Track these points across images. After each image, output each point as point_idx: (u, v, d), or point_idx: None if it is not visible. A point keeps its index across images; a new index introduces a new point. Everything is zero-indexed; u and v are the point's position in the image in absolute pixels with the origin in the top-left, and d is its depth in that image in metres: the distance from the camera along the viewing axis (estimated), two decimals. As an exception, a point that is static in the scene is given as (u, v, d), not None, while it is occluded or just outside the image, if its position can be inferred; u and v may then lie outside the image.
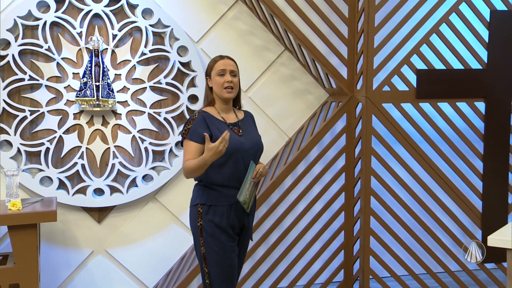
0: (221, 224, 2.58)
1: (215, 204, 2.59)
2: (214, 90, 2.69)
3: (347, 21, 3.80)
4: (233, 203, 2.60)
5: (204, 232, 2.58)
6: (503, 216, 3.90)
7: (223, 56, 2.72)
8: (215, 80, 2.67)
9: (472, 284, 4.01)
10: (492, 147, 3.89)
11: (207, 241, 2.58)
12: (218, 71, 2.66)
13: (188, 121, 2.62)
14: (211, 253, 2.58)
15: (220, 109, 2.70)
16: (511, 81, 3.86)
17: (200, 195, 2.64)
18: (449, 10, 3.79)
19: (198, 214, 2.60)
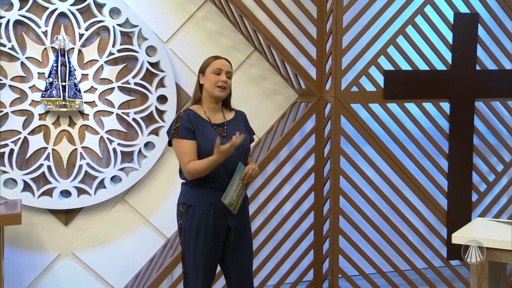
0: (199, 224, 2.57)
1: (194, 203, 2.59)
2: (205, 87, 2.66)
3: (315, 22, 3.83)
4: (213, 203, 2.58)
5: (183, 231, 2.61)
6: (467, 214, 3.99)
7: (221, 57, 2.71)
8: (209, 77, 2.63)
9: (438, 281, 4.09)
10: (457, 147, 3.97)
11: (185, 241, 2.60)
12: (215, 69, 2.64)
13: (175, 120, 2.60)
14: (187, 252, 2.60)
15: (207, 108, 2.67)
16: (474, 82, 3.95)
17: (182, 194, 2.65)
18: (415, 12, 3.86)
19: (180, 213, 2.62)
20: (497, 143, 4.24)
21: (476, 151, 4.05)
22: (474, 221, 2.68)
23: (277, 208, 3.85)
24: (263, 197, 3.88)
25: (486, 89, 3.98)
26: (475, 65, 3.96)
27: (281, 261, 3.89)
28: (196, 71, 3.99)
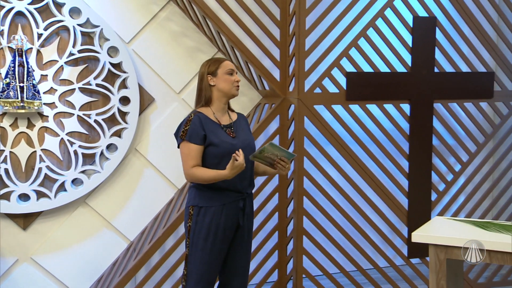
0: (210, 225, 2.60)
1: (206, 205, 2.61)
2: (218, 88, 2.67)
3: (279, 24, 3.86)
4: (225, 203, 2.62)
5: (192, 232, 2.62)
6: (426, 213, 4.08)
7: (223, 58, 2.74)
8: (224, 78, 2.67)
9: (399, 279, 4.17)
10: (417, 147, 4.06)
11: (193, 242, 2.61)
12: (228, 70, 2.69)
13: (184, 122, 2.61)
14: (194, 253, 2.60)
15: (216, 109, 2.69)
16: (433, 84, 4.05)
17: (193, 197, 2.66)
18: (376, 15, 3.92)
19: (189, 215, 2.64)
20: (455, 143, 4.36)
21: (435, 152, 4.14)
22: (433, 220, 2.74)
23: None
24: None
25: (444, 91, 4.08)
26: (434, 67, 4.05)
27: (245, 262, 3.89)
28: (160, 72, 3.98)
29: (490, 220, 2.68)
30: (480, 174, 4.41)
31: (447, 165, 4.21)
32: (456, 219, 2.73)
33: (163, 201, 4.04)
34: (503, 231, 2.40)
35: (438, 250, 2.39)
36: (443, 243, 2.37)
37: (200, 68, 2.75)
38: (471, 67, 4.21)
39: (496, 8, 4.21)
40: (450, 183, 4.21)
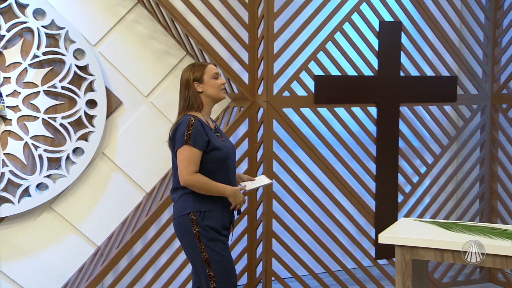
0: (217, 226, 2.64)
1: (209, 209, 2.63)
2: (206, 94, 2.70)
3: (247, 27, 3.86)
4: (224, 206, 2.68)
5: (203, 237, 2.62)
6: (393, 214, 4.15)
7: (206, 63, 2.77)
8: (211, 82, 2.70)
9: (367, 280, 4.22)
10: (384, 150, 4.12)
11: (209, 246, 2.62)
12: (213, 74, 2.72)
13: (186, 125, 2.58)
14: (215, 256, 2.63)
15: (206, 114, 2.73)
16: (399, 88, 4.12)
17: (191, 203, 2.64)
18: (343, 19, 3.97)
19: (192, 221, 2.62)
20: (421, 146, 4.44)
21: (401, 154, 4.21)
22: (399, 221, 2.79)
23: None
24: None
25: (410, 94, 4.16)
26: (399, 71, 4.13)
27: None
28: (128, 75, 3.93)
29: (454, 221, 2.74)
30: (445, 176, 4.50)
31: (413, 167, 4.28)
32: (422, 220, 2.78)
33: (131, 205, 3.99)
34: (466, 232, 2.46)
35: (404, 251, 2.43)
36: (408, 244, 2.41)
37: (183, 74, 2.73)
38: (435, 71, 4.30)
39: (458, 13, 4.31)
40: (416, 184, 4.29)
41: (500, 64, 4.42)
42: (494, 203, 4.45)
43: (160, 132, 4.06)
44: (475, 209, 4.49)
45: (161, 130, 4.07)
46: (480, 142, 4.45)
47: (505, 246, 2.24)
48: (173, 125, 2.68)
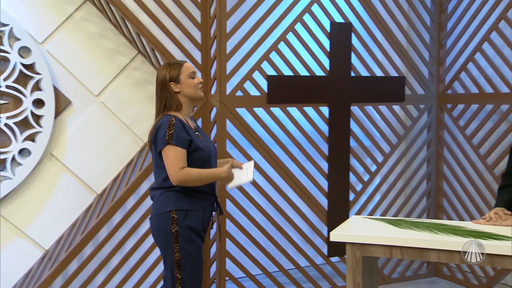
0: (197, 227, 2.63)
1: (192, 208, 2.62)
2: (184, 93, 2.67)
3: (200, 26, 3.85)
4: (206, 206, 2.68)
5: (181, 237, 2.59)
6: (345, 212, 4.23)
7: (182, 61, 2.72)
8: (188, 82, 2.67)
9: (320, 278, 4.28)
10: (335, 149, 4.19)
11: (183, 247, 2.60)
12: (190, 73, 2.68)
13: (167, 125, 2.56)
14: (187, 258, 2.61)
15: (185, 113, 2.71)
16: (349, 88, 4.20)
17: (173, 201, 2.61)
18: (295, 19, 4.01)
19: (173, 220, 2.59)
20: (371, 145, 4.54)
21: (352, 153, 4.30)
22: (350, 219, 2.84)
23: (164, 214, 3.79)
24: (150, 202, 3.80)
25: (360, 94, 4.24)
26: (350, 71, 4.21)
27: (168, 267, 3.84)
28: (77, 74, 3.84)
29: (402, 218, 2.82)
30: (394, 174, 4.62)
31: (364, 165, 4.38)
32: (372, 217, 2.84)
33: (82, 207, 3.90)
34: (414, 228, 2.53)
35: (354, 248, 2.48)
36: (359, 241, 2.46)
37: (158, 74, 2.67)
38: (384, 71, 4.41)
39: (405, 16, 4.44)
40: (366, 183, 4.39)
41: (445, 65, 4.58)
42: (440, 200, 4.61)
43: (111, 132, 3.99)
44: (423, 206, 4.64)
45: (112, 130, 3.99)
46: (427, 141, 4.59)
47: (449, 241, 2.31)
48: (152, 126, 2.64)
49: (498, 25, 4.11)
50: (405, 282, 4.44)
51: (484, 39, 4.21)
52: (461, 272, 4.41)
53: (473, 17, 4.29)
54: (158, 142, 2.57)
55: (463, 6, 4.39)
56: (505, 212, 2.59)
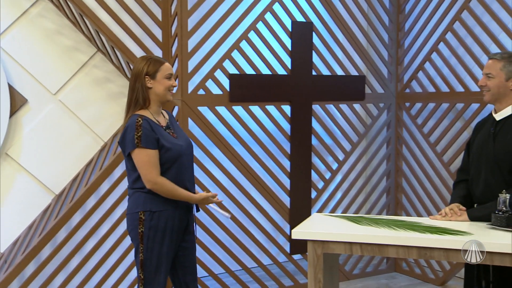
0: (165, 228, 2.62)
1: (160, 209, 2.60)
2: (155, 91, 2.63)
3: (160, 24, 3.81)
4: (178, 206, 2.65)
5: (145, 238, 2.59)
6: (307, 210, 4.27)
7: (164, 60, 2.69)
8: (162, 82, 2.63)
9: (282, 276, 4.31)
10: (297, 147, 4.23)
11: (148, 247, 2.60)
12: (167, 74, 2.65)
13: (134, 128, 2.53)
14: (150, 259, 2.61)
15: (154, 111, 2.66)
16: (311, 86, 4.24)
17: (141, 202, 2.61)
18: (256, 18, 4.02)
19: (140, 221, 2.59)
20: (332, 143, 4.60)
21: (314, 151, 4.34)
22: (311, 217, 2.87)
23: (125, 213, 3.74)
24: (110, 203, 3.75)
25: (321, 93, 4.29)
26: (311, 70, 4.25)
27: (129, 268, 3.79)
28: (33, 72, 3.74)
29: (362, 215, 2.87)
30: (355, 172, 4.69)
31: (325, 163, 4.43)
32: (333, 215, 2.88)
33: (39, 208, 3.81)
34: (373, 225, 2.58)
35: (315, 245, 2.51)
36: (319, 239, 2.49)
37: (136, 64, 2.64)
38: (345, 70, 4.47)
39: (365, 16, 4.51)
40: (328, 180, 4.44)
41: (403, 65, 4.68)
42: (399, 197, 4.71)
43: (70, 131, 3.91)
44: (383, 203, 4.73)
45: (71, 129, 3.91)
46: (386, 139, 4.69)
47: (407, 237, 2.37)
48: (121, 125, 2.66)
49: (453, 26, 4.23)
50: (365, 278, 4.52)
51: (440, 39, 4.32)
52: (419, 267, 4.53)
53: (429, 17, 4.40)
54: (126, 145, 2.57)
55: (420, 7, 4.49)
56: (460, 208, 2.67)
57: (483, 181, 2.65)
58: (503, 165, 2.57)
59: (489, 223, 2.49)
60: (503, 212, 2.40)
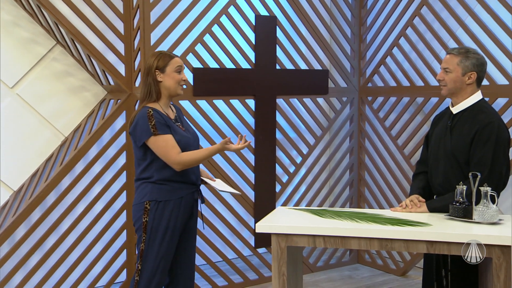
0: (170, 219, 2.68)
1: (166, 199, 2.67)
2: (165, 85, 2.72)
3: (122, 17, 3.75)
4: (183, 196, 2.72)
5: (149, 228, 2.66)
6: (271, 204, 4.29)
7: (174, 54, 2.77)
8: (172, 75, 2.72)
9: (247, 269, 4.32)
10: (262, 141, 4.24)
11: (151, 237, 2.67)
12: (177, 67, 2.73)
13: (146, 118, 2.63)
14: (150, 249, 2.67)
15: (164, 104, 2.75)
16: (275, 80, 4.25)
17: (148, 192, 2.68)
18: (220, 12, 4.00)
19: (145, 210, 2.66)
20: (296, 137, 4.63)
21: (278, 145, 4.37)
22: (275, 210, 2.89)
23: (87, 209, 3.70)
24: (71, 198, 3.68)
25: (285, 87, 4.31)
26: (275, 64, 4.26)
27: (91, 264, 3.74)
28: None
29: (326, 208, 2.90)
30: (319, 165, 4.74)
31: (290, 157, 4.46)
32: (296, 208, 2.90)
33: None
34: (336, 217, 2.61)
35: (279, 238, 2.52)
36: (283, 232, 2.50)
37: (147, 60, 2.74)
38: (309, 65, 4.50)
39: (328, 11, 4.55)
40: (292, 174, 4.47)
41: (366, 59, 4.75)
42: (362, 190, 4.79)
43: (28, 126, 3.81)
44: (346, 196, 4.79)
45: (29, 124, 3.82)
46: (349, 132, 4.75)
47: (369, 229, 2.41)
48: (132, 117, 2.72)
49: (413, 21, 4.31)
50: (329, 270, 4.58)
51: (401, 34, 4.40)
52: (381, 258, 4.62)
53: (390, 12, 4.47)
54: (140, 135, 2.64)
55: (381, 2, 4.56)
56: (420, 199, 2.73)
57: (441, 173, 2.72)
58: (460, 157, 2.64)
59: (447, 214, 2.56)
60: (460, 203, 2.47)
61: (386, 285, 4.22)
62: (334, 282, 4.31)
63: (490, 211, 2.39)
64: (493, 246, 2.26)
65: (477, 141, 2.59)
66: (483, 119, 2.61)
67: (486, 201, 2.40)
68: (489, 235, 2.26)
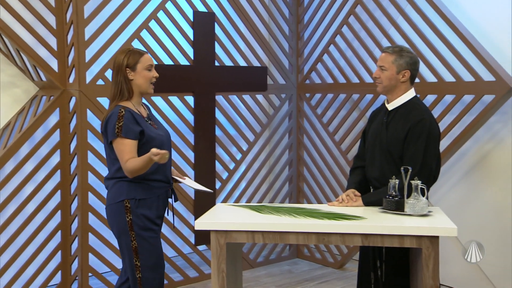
0: (151, 215, 2.66)
1: (144, 197, 2.63)
2: (136, 83, 2.66)
3: (54, 11, 3.62)
4: (160, 194, 2.70)
5: (135, 226, 2.62)
6: (212, 201, 4.27)
7: (143, 51, 2.71)
8: (143, 73, 2.66)
9: (187, 267, 4.29)
10: (201, 138, 4.22)
11: (140, 234, 2.63)
12: (147, 65, 2.67)
13: (116, 118, 2.56)
14: (144, 245, 2.64)
15: (136, 102, 2.69)
16: (214, 77, 4.24)
17: (126, 190, 2.63)
18: (157, 7, 3.94)
19: (126, 209, 2.61)
20: (236, 133, 4.64)
21: (218, 142, 4.36)
22: (214, 207, 2.88)
23: (19, 209, 3.57)
24: (1, 198, 3.52)
25: (225, 83, 4.31)
26: (214, 61, 4.25)
27: (24, 266, 3.61)
28: None
29: (264, 204, 2.93)
30: (258, 161, 4.78)
31: (229, 154, 4.46)
32: (236, 204, 2.91)
33: None
34: (274, 213, 2.64)
35: (218, 235, 2.52)
36: (222, 229, 2.51)
37: (117, 58, 2.64)
38: (248, 61, 4.52)
39: (266, 8, 4.59)
40: (232, 171, 4.48)
41: (303, 56, 4.83)
42: (301, 185, 4.87)
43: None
44: (286, 191, 4.86)
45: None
46: (288, 128, 4.81)
47: (306, 224, 2.46)
48: (104, 116, 2.65)
49: (348, 20, 4.42)
50: (269, 265, 4.63)
51: (337, 32, 4.50)
52: (320, 252, 4.72)
53: (326, 11, 4.56)
54: (108, 134, 2.60)
55: (318, 0, 4.64)
56: (355, 194, 2.81)
57: (378, 168, 2.80)
58: (395, 152, 2.74)
59: (381, 207, 2.65)
60: (393, 197, 2.56)
61: (325, 278, 4.32)
62: (274, 277, 4.36)
63: (420, 203, 2.49)
64: (423, 237, 2.36)
65: (410, 137, 2.69)
66: (416, 116, 2.71)
67: (416, 194, 2.50)
68: (419, 227, 2.36)
